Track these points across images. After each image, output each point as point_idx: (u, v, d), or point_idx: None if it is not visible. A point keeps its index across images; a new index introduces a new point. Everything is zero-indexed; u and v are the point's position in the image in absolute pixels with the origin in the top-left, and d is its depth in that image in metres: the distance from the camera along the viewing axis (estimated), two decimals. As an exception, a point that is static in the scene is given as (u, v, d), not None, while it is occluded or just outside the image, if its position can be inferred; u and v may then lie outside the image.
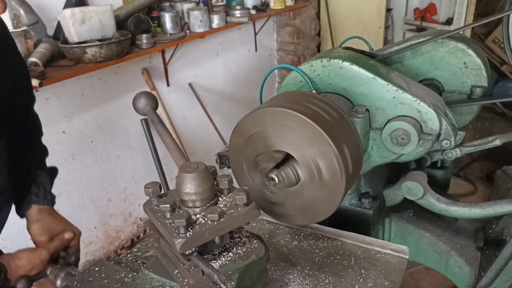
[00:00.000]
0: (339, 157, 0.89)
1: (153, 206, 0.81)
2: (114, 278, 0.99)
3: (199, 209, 0.78)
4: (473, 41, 1.58)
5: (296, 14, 4.82)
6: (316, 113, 0.93)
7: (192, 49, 3.80)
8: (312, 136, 0.90)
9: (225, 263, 0.81)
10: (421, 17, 5.12)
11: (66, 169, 2.92)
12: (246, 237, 0.87)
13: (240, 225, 0.80)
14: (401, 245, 1.11)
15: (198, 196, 0.78)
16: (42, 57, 2.45)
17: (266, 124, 0.95)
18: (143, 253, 1.19)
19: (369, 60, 1.30)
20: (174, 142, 0.95)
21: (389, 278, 1.01)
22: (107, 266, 1.03)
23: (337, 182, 0.92)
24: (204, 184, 0.77)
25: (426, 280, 2.89)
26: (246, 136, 1.00)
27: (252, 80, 4.67)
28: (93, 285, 0.98)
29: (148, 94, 1.06)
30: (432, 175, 1.60)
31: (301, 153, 0.94)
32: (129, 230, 3.56)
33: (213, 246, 0.82)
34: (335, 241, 1.16)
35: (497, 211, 1.25)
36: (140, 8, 3.07)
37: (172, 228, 0.74)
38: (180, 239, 0.72)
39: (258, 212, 0.81)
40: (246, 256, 0.83)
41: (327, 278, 1.02)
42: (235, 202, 0.79)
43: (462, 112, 1.57)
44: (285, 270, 1.05)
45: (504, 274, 1.35)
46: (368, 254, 1.10)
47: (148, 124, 3.84)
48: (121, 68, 3.16)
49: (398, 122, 1.18)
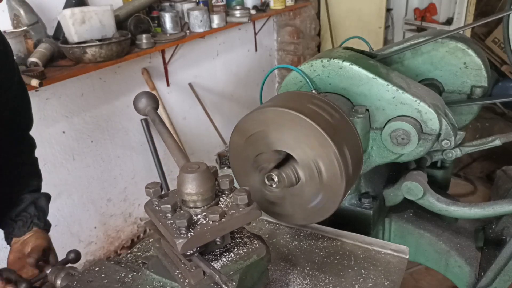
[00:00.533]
0: (340, 158, 0.89)
1: (154, 207, 0.81)
2: (114, 278, 0.99)
3: (200, 209, 0.78)
4: (473, 41, 1.58)
5: (296, 14, 4.82)
6: (318, 114, 0.93)
7: (192, 49, 3.80)
8: (313, 137, 0.90)
9: (226, 263, 0.80)
10: (421, 17, 5.12)
11: (66, 169, 2.92)
12: (247, 237, 0.86)
13: (241, 226, 0.80)
14: (401, 245, 1.11)
15: (199, 197, 0.78)
16: (42, 57, 2.45)
17: (268, 124, 0.95)
18: (143, 253, 1.19)
19: (369, 60, 1.30)
20: (175, 142, 0.95)
21: (389, 278, 1.01)
22: (107, 266, 1.03)
23: (337, 183, 0.92)
24: (206, 185, 0.77)
25: (426, 280, 2.89)
26: (246, 135, 1.00)
27: (252, 80, 4.67)
28: (93, 285, 0.98)
29: (149, 94, 1.06)
30: (432, 175, 1.60)
31: (302, 154, 0.94)
32: (129, 230, 3.56)
33: (214, 246, 0.82)
34: (335, 241, 1.16)
35: (497, 211, 1.25)
36: (140, 8, 3.07)
37: (173, 229, 0.74)
38: (181, 239, 0.72)
39: (259, 212, 0.81)
40: (248, 257, 0.83)
41: (327, 278, 1.02)
42: (236, 202, 0.79)
43: (462, 112, 1.57)
44: (285, 270, 1.05)
45: (504, 274, 1.35)
46: (368, 254, 1.10)
47: (148, 124, 3.86)
48: (121, 68, 3.16)
49: (398, 122, 1.18)
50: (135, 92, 1.10)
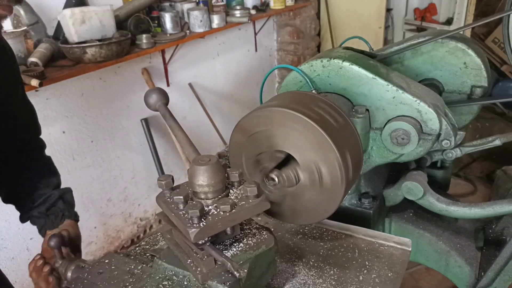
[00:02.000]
0: (342, 165, 0.90)
1: (166, 198, 0.84)
2: (124, 269, 1.02)
3: (211, 200, 0.81)
4: (473, 41, 1.58)
5: (296, 14, 4.82)
6: (323, 118, 0.93)
7: (192, 49, 3.80)
8: (318, 142, 0.90)
9: (237, 253, 0.84)
10: (421, 17, 5.12)
11: (66, 169, 2.92)
12: (256, 228, 0.90)
13: (251, 216, 0.83)
14: (404, 238, 1.13)
15: (210, 188, 0.81)
16: (42, 57, 2.45)
17: (273, 123, 0.95)
18: (151, 246, 1.22)
19: (369, 60, 1.30)
20: (186, 137, 0.97)
21: (392, 269, 1.03)
22: (117, 258, 1.07)
23: (337, 188, 0.93)
24: (217, 177, 0.80)
25: (426, 280, 2.89)
26: (249, 133, 0.99)
27: (252, 80, 4.67)
28: (104, 276, 1.01)
29: (159, 90, 1.09)
30: (432, 175, 1.60)
31: (304, 157, 0.94)
32: (129, 230, 3.56)
33: (225, 236, 0.86)
34: (339, 234, 1.18)
35: (497, 211, 1.25)
36: (140, 8, 3.07)
37: (186, 219, 0.77)
38: (194, 229, 0.75)
39: (268, 204, 0.83)
40: (257, 247, 0.86)
41: (332, 269, 1.04)
42: (246, 194, 0.82)
43: (462, 112, 1.57)
44: (291, 262, 1.08)
45: (504, 274, 1.35)
46: (371, 247, 1.12)
47: (148, 124, 3.86)
48: (121, 68, 3.16)
49: (398, 122, 1.18)
50: (135, 92, 1.10)
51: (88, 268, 1.05)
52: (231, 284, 0.82)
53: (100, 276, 1.01)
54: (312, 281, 1.01)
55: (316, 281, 1.01)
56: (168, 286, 0.88)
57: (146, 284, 0.90)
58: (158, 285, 0.88)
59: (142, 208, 3.63)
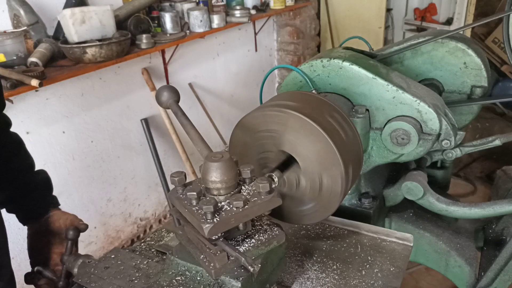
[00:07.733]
0: (345, 179, 0.91)
1: (178, 195, 0.85)
2: (130, 264, 1.04)
3: (224, 196, 0.82)
4: (473, 41, 1.58)
5: (296, 14, 4.82)
6: (335, 130, 0.93)
7: (192, 49, 3.80)
8: (326, 155, 0.91)
9: (249, 248, 0.85)
10: (421, 17, 5.12)
11: (66, 169, 2.92)
12: (267, 225, 0.91)
13: (263, 212, 0.84)
14: (406, 233, 1.14)
15: (223, 184, 0.81)
16: (42, 57, 2.45)
17: (286, 126, 0.94)
18: (156, 242, 1.23)
19: (369, 60, 1.30)
20: (198, 134, 0.98)
21: (394, 264, 1.05)
22: (123, 253, 1.09)
23: (334, 200, 0.94)
24: (229, 173, 0.81)
25: (426, 280, 2.90)
26: (254, 131, 0.99)
27: (252, 80, 4.67)
28: (110, 271, 1.03)
29: (171, 88, 1.10)
30: (432, 175, 1.60)
31: (309, 165, 0.94)
32: (129, 230, 3.56)
33: (237, 232, 0.87)
34: (342, 230, 1.19)
35: (497, 211, 1.25)
36: (140, 8, 3.07)
37: (200, 214, 0.78)
38: (208, 224, 0.76)
39: (280, 200, 0.84)
40: (268, 243, 0.87)
41: (335, 264, 1.06)
42: (258, 190, 0.82)
43: (462, 112, 1.57)
44: (294, 257, 1.09)
45: (504, 274, 1.35)
46: (373, 242, 1.13)
47: (148, 124, 3.86)
48: (121, 68, 3.16)
49: (398, 122, 1.18)
50: (135, 92, 1.11)
51: (95, 264, 1.07)
52: (244, 279, 0.85)
53: (107, 271, 1.03)
54: (315, 275, 1.02)
55: (319, 275, 1.02)
56: (181, 281, 0.90)
57: (160, 279, 0.92)
58: (171, 280, 0.90)
59: (142, 208, 3.63)
